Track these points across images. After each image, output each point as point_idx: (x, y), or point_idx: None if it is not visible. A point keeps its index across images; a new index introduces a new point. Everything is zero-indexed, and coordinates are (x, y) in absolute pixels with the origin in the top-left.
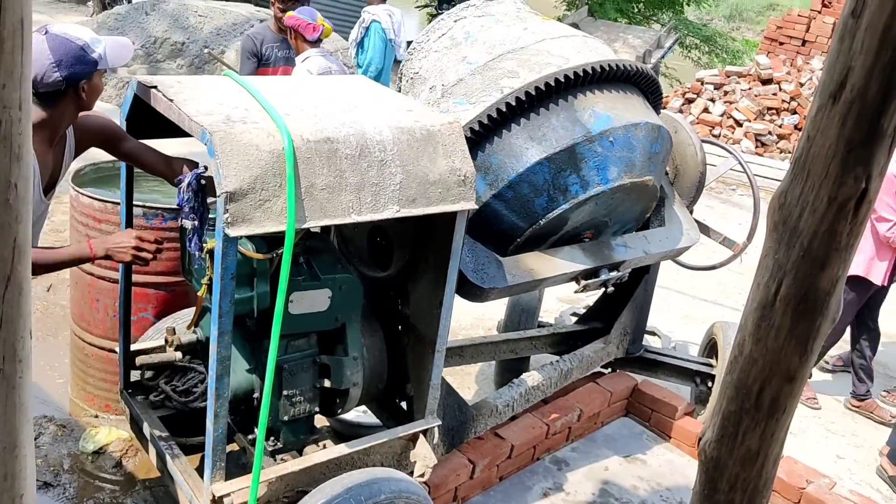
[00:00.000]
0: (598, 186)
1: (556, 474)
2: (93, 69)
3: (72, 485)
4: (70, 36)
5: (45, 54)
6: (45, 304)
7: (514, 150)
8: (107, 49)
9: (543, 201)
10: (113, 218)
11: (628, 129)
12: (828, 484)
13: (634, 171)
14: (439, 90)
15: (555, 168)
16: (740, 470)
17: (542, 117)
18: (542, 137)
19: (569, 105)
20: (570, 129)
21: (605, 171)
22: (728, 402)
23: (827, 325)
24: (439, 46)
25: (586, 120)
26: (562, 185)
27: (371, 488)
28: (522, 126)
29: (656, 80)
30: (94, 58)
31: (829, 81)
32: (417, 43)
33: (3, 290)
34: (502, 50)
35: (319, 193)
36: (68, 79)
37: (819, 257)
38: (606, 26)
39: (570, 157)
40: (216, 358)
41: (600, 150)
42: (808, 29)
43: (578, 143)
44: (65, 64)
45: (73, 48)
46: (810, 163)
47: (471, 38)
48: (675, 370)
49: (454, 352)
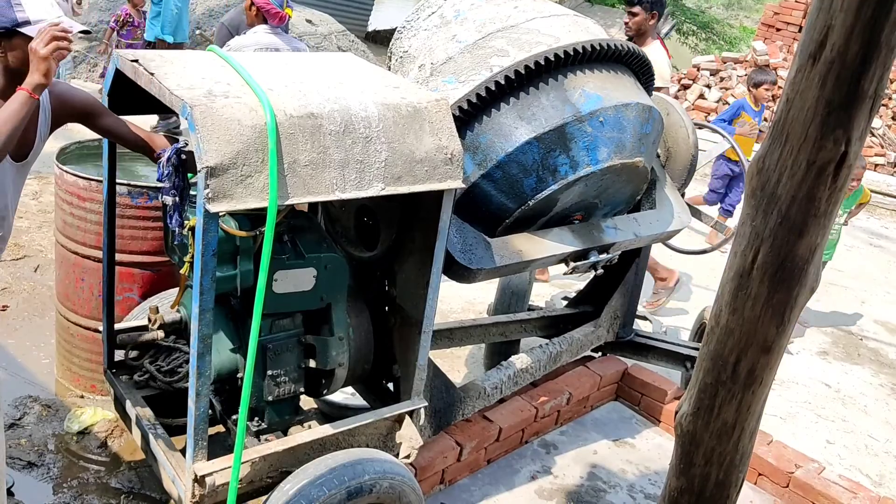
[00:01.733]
0: (587, 167)
1: (545, 457)
2: (10, 25)
3: (56, 465)
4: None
5: None
6: (31, 283)
7: (504, 129)
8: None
9: (532, 182)
10: (97, 196)
11: (619, 110)
12: (817, 469)
13: (625, 152)
14: (428, 69)
15: (544, 148)
16: (716, 443)
17: (531, 96)
18: (531, 117)
19: (559, 84)
20: (559, 109)
21: (594, 151)
22: (704, 374)
23: (805, 295)
24: (429, 25)
25: (576, 99)
26: (551, 166)
27: (355, 469)
28: (512, 105)
29: (648, 61)
30: (15, 16)
31: (809, 41)
32: (406, 21)
33: None
34: (492, 28)
35: (302, 170)
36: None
37: (797, 224)
38: (602, 11)
39: (560, 137)
40: (197, 336)
41: (590, 130)
42: (804, 15)
43: (568, 123)
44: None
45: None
46: (789, 126)
47: (460, 16)
48: (665, 354)
49: (443, 334)
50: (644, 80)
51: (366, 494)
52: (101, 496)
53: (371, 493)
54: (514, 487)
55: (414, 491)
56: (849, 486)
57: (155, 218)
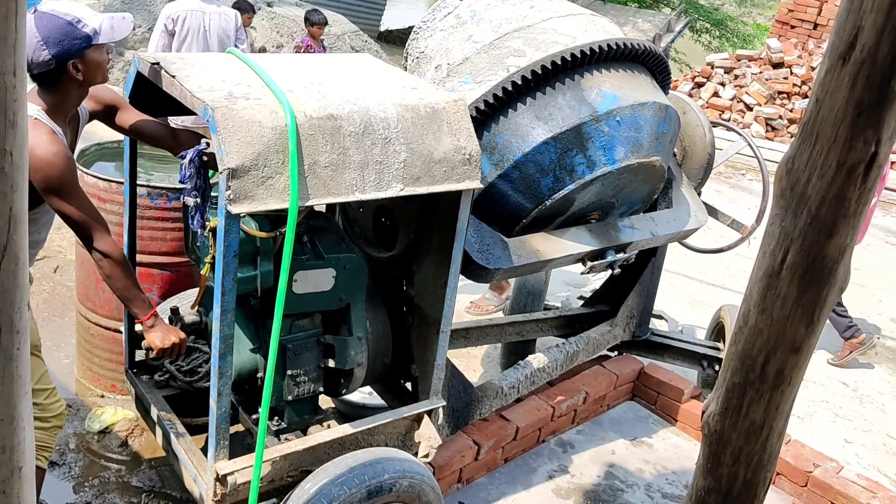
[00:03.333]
0: (604, 167)
1: (562, 457)
2: (84, 44)
3: (77, 464)
4: (58, 12)
5: (32, 33)
6: (51, 284)
7: (520, 129)
8: (103, 23)
9: (549, 181)
10: (117, 197)
11: (635, 109)
12: (835, 468)
13: (641, 152)
14: (445, 69)
15: (561, 148)
16: (744, 443)
17: (548, 96)
18: (548, 117)
19: (575, 84)
20: (576, 109)
21: (611, 151)
22: (732, 373)
23: (834, 295)
24: (445, 25)
25: (593, 99)
26: (568, 166)
27: (375, 468)
28: (528, 105)
29: (664, 60)
30: (86, 32)
31: (839, 42)
32: (423, 21)
33: (0, 259)
34: (508, 28)
35: (322, 171)
36: (57, 56)
37: (827, 224)
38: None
39: (577, 136)
40: (219, 336)
41: (607, 129)
42: (819, 12)
43: (585, 123)
44: (52, 41)
45: (60, 24)
46: (819, 126)
47: (477, 16)
48: (681, 353)
49: (460, 334)
50: (661, 78)
51: (385, 493)
52: (122, 495)
53: (391, 492)
54: (532, 486)
55: (433, 490)
56: (867, 485)
57: (174, 219)
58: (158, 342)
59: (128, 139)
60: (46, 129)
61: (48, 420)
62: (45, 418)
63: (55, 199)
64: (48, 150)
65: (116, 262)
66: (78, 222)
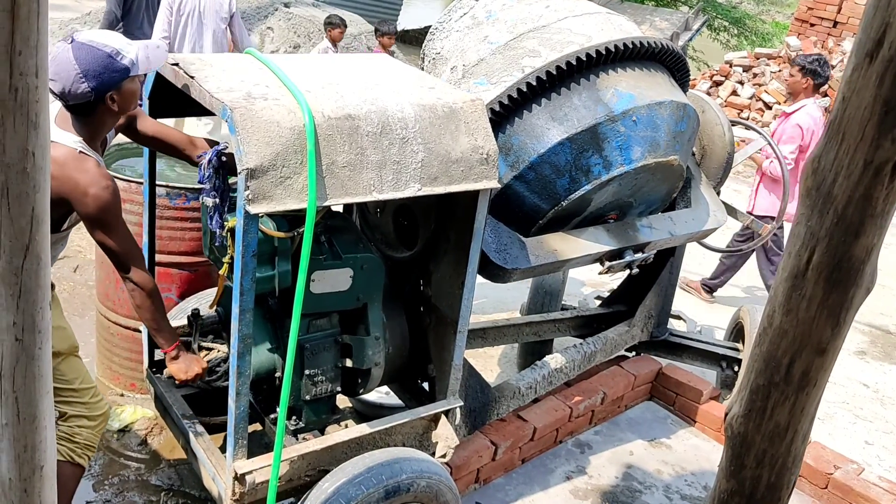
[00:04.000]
0: (621, 167)
1: (579, 457)
2: (123, 76)
3: (97, 462)
4: (97, 44)
5: (70, 64)
6: (71, 284)
7: (536, 130)
8: (140, 53)
9: (565, 182)
10: (137, 198)
11: (652, 108)
12: (856, 470)
13: (659, 151)
14: (460, 70)
15: (577, 148)
16: (768, 445)
17: (563, 97)
18: (563, 117)
19: (591, 84)
20: (592, 109)
21: (628, 150)
22: (756, 375)
23: (861, 296)
24: (460, 26)
25: (609, 99)
26: (584, 166)
27: (393, 468)
28: (544, 106)
29: (682, 58)
30: (125, 64)
31: (866, 39)
32: (439, 23)
33: (22, 260)
34: (524, 29)
35: (340, 171)
36: (96, 89)
37: (853, 224)
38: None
39: (593, 137)
40: (237, 336)
41: (623, 129)
42: (839, 10)
43: (601, 123)
44: (92, 74)
45: (100, 56)
46: (845, 125)
47: (492, 16)
48: (700, 354)
49: (477, 334)
50: (679, 77)
51: (403, 493)
52: (141, 493)
53: (408, 492)
54: (549, 487)
55: (450, 490)
56: (889, 487)
57: (193, 219)
58: (182, 375)
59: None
60: (93, 162)
61: (94, 419)
62: (92, 416)
63: (99, 231)
64: (99, 185)
65: (149, 293)
66: (117, 254)
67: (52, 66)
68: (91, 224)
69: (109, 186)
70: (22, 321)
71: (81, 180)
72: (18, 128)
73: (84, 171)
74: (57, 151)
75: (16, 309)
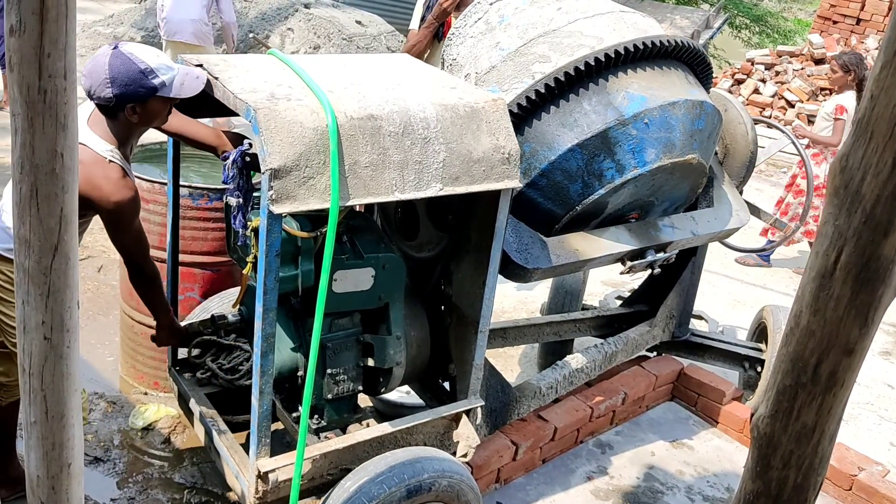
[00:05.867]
0: (634, 170)
1: (600, 458)
2: (149, 94)
3: (121, 460)
4: (134, 57)
5: (102, 68)
6: (95, 283)
7: (546, 137)
8: (176, 78)
9: (578, 187)
10: (160, 198)
11: (665, 109)
12: (881, 471)
13: (675, 152)
14: (473, 78)
15: (588, 154)
16: (795, 446)
17: (573, 102)
18: (573, 123)
19: (601, 88)
20: (602, 114)
21: (641, 153)
22: (783, 375)
23: (890, 295)
24: (475, 32)
25: (619, 103)
26: (596, 171)
27: (414, 467)
28: (553, 113)
29: (701, 53)
30: (154, 83)
31: (894, 37)
32: (456, 28)
33: (51, 259)
34: (534, 34)
35: (363, 171)
36: (118, 97)
37: (882, 223)
38: (654, 7)
39: (604, 142)
40: (261, 335)
41: (635, 132)
42: (862, 7)
43: (611, 128)
44: (118, 82)
45: (132, 69)
46: (874, 123)
47: (504, 21)
48: (722, 354)
49: (497, 333)
50: (700, 72)
51: (425, 492)
52: (164, 490)
53: (430, 491)
54: (570, 487)
55: (472, 490)
56: None
57: (215, 219)
58: (159, 343)
59: (171, 140)
60: (119, 170)
61: None
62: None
63: (114, 230)
64: (121, 193)
65: (151, 279)
66: (129, 251)
67: (88, 65)
68: (108, 224)
69: (131, 195)
70: (51, 320)
71: (105, 187)
72: (47, 129)
73: (108, 179)
74: (86, 155)
75: (44, 308)
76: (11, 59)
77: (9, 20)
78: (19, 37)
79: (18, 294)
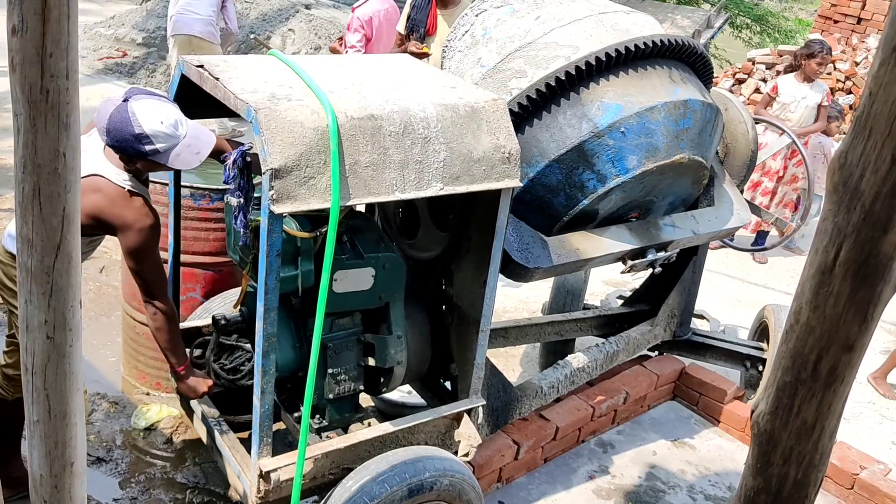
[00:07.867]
0: (616, 178)
1: (602, 457)
2: (141, 157)
3: (124, 460)
4: (135, 118)
5: (104, 116)
6: (97, 284)
7: (525, 153)
8: (174, 149)
9: (562, 199)
10: (162, 199)
11: (642, 116)
12: (883, 470)
13: (659, 155)
14: None
15: (565, 168)
16: (795, 443)
17: (548, 117)
18: (549, 139)
19: (575, 101)
20: (576, 127)
21: (621, 161)
22: (783, 372)
23: (889, 291)
24: (462, 46)
25: (594, 114)
26: (577, 183)
27: (416, 466)
28: (530, 129)
29: (690, 47)
30: (145, 150)
31: (893, 34)
32: (448, 41)
33: (53, 259)
34: (511, 48)
35: (363, 171)
36: (111, 147)
37: (881, 220)
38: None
39: (580, 155)
40: (262, 335)
41: (612, 142)
42: (863, 6)
43: (586, 141)
44: (112, 136)
45: (126, 130)
46: (872, 120)
47: (487, 34)
48: (724, 353)
49: (499, 333)
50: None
51: (426, 492)
52: (167, 490)
53: (432, 490)
54: (572, 486)
55: (473, 489)
56: None
57: (217, 219)
58: (191, 393)
59: None
60: (141, 201)
61: None
62: None
63: (133, 259)
64: (143, 222)
65: (169, 319)
66: (147, 282)
67: (100, 103)
68: (128, 252)
69: (152, 223)
70: (53, 319)
71: (129, 217)
72: (50, 129)
73: (131, 209)
74: (109, 189)
75: (47, 307)
76: (14, 59)
77: (11, 20)
78: (21, 37)
79: (21, 293)
